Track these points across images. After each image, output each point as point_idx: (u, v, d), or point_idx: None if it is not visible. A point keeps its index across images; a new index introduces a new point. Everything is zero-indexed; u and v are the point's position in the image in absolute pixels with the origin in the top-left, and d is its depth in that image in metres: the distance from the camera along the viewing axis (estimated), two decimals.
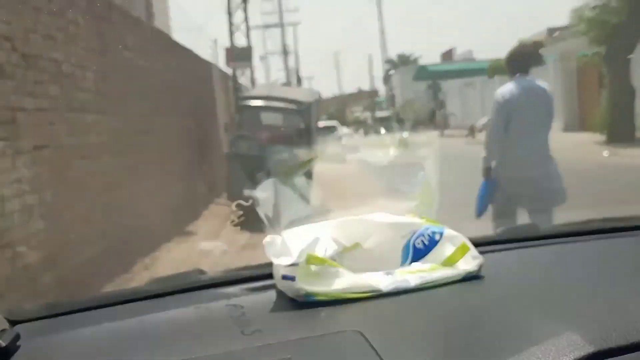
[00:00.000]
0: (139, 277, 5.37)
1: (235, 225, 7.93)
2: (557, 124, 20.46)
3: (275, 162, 8.30)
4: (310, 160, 9.13)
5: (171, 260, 6.09)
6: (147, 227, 6.32)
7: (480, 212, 4.01)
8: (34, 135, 4.06)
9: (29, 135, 3.99)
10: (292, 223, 1.06)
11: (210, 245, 6.60)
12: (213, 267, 5.69)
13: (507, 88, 4.00)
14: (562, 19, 34.97)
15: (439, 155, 1.16)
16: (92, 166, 5.00)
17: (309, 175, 9.04)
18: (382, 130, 37.57)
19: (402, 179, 1.16)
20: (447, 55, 44.86)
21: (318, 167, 9.73)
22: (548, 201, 3.83)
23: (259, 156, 8.36)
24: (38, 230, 3.98)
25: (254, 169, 8.25)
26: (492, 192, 3.95)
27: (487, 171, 3.99)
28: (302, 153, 8.13)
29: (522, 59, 4.15)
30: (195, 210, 8.69)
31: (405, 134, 7.11)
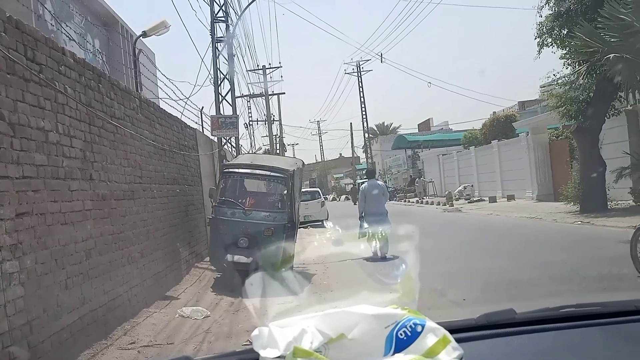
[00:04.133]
0: (117, 343, 5.23)
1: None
2: (530, 194, 20.80)
3: (258, 228, 8.32)
4: (293, 256, 9.22)
5: (151, 325, 5.95)
6: (127, 292, 6.21)
7: (359, 236, 9.85)
8: (17, 202, 4.05)
9: (12, 203, 3.98)
10: (280, 314, 1.10)
11: (191, 310, 6.47)
12: (194, 332, 5.57)
13: (365, 184, 10.62)
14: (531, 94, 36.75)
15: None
16: (74, 232, 4.97)
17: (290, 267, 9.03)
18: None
19: (385, 271, 1.23)
20: (425, 126, 46.31)
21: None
22: (383, 225, 9.38)
23: (242, 222, 8.37)
24: (17, 297, 3.88)
25: (236, 235, 8.24)
26: (363, 223, 9.85)
27: (361, 217, 10.09)
28: (286, 246, 8.21)
29: (370, 173, 11.68)
30: (177, 275, 8.56)
31: (386, 228, 9.30)
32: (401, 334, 1.10)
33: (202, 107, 14.57)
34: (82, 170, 5.30)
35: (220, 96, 14.83)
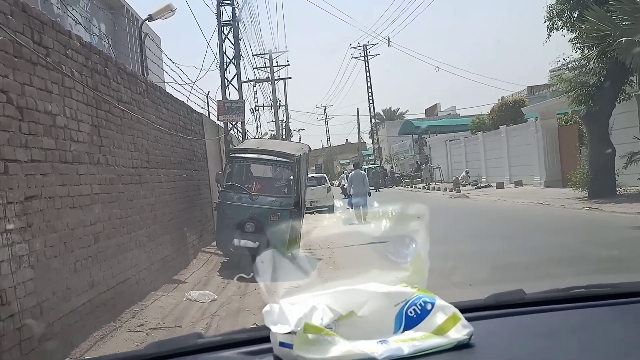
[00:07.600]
0: (126, 325, 5.29)
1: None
2: (538, 180, 20.61)
3: (264, 213, 8.35)
4: (299, 240, 9.25)
5: (159, 308, 6.02)
6: (135, 275, 6.27)
7: (349, 207, 15.22)
8: (26, 186, 4.08)
9: (21, 186, 4.01)
10: (290, 291, 1.10)
11: (199, 294, 6.52)
12: (201, 315, 5.63)
13: (352, 172, 15.66)
14: (541, 79, 36.30)
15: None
16: (83, 216, 5.00)
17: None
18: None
19: (395, 250, 1.22)
20: (432, 111, 46.02)
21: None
22: (362, 200, 14.07)
23: (248, 207, 8.40)
24: (27, 280, 3.93)
25: (243, 219, 8.28)
26: (350, 200, 14.75)
27: (347, 195, 15.70)
28: (293, 230, 8.25)
29: (356, 165, 17.88)
30: (184, 259, 8.63)
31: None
32: (411, 312, 1.10)
33: (209, 92, 14.55)
34: (90, 154, 5.32)
35: (226, 81, 14.79)
